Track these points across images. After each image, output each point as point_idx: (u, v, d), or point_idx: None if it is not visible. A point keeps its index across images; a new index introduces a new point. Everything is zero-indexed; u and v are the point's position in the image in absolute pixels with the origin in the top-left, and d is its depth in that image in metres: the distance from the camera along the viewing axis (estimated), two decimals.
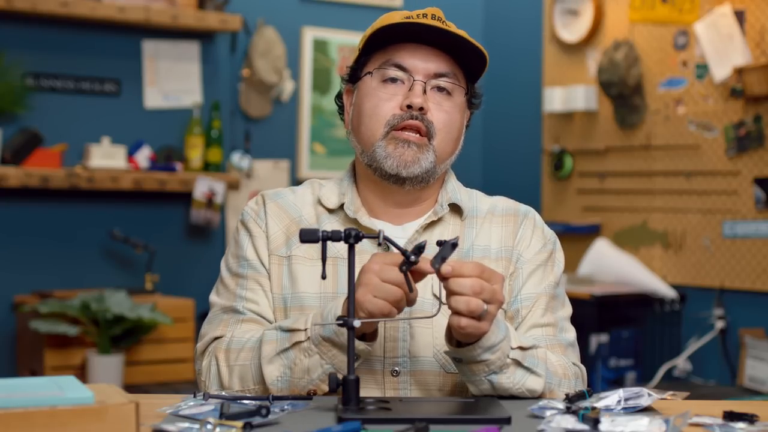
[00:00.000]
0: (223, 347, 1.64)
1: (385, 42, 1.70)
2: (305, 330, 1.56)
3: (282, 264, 1.70)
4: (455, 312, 1.46)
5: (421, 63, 1.68)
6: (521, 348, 1.56)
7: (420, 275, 1.50)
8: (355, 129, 1.73)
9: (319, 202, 1.75)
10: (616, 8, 4.37)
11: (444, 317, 1.55)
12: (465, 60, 1.72)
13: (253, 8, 4.48)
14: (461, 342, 1.53)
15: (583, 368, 1.70)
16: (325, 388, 1.55)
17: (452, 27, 1.71)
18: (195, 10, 4.21)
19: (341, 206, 1.73)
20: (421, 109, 1.66)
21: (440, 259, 1.45)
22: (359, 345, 1.52)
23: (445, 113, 1.69)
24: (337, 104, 1.82)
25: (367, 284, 1.47)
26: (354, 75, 1.75)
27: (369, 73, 1.71)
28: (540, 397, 1.58)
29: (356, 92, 1.75)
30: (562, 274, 1.77)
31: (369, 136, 1.69)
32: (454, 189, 1.77)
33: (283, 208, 1.74)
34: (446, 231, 1.73)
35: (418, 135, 1.67)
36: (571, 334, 1.73)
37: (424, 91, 1.68)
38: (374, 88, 1.70)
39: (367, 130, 1.69)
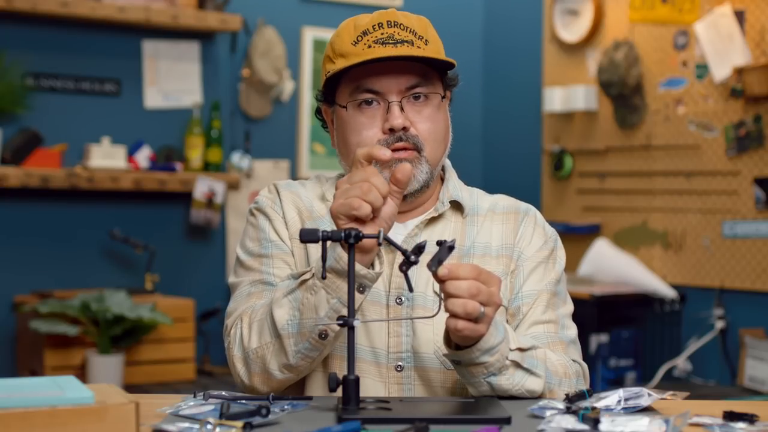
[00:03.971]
0: (249, 311, 1.64)
1: (351, 66, 1.66)
2: (311, 269, 1.55)
3: (302, 248, 1.71)
4: (452, 314, 1.46)
5: (391, 81, 1.66)
6: (520, 349, 1.56)
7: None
8: (344, 155, 1.73)
9: (325, 197, 1.76)
10: (616, 8, 4.37)
11: (445, 315, 1.56)
12: (432, 58, 1.68)
13: (253, 8, 4.48)
14: (459, 344, 1.53)
15: (585, 365, 1.70)
16: (336, 328, 1.53)
17: (408, 23, 1.67)
18: (195, 10, 4.21)
19: None
20: (403, 128, 1.66)
21: (437, 261, 1.45)
22: (362, 270, 1.50)
23: (427, 122, 1.68)
24: (318, 119, 1.81)
25: (338, 193, 1.49)
26: (327, 96, 1.74)
27: (343, 106, 1.69)
28: (540, 397, 1.58)
29: (335, 117, 1.74)
30: (563, 272, 1.77)
31: None
32: (456, 187, 1.77)
33: (297, 194, 1.76)
34: (447, 228, 1.73)
35: (407, 151, 1.66)
36: (572, 331, 1.73)
37: (402, 109, 1.66)
38: (352, 117, 1.68)
39: None
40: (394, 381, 1.65)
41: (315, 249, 1.69)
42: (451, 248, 1.44)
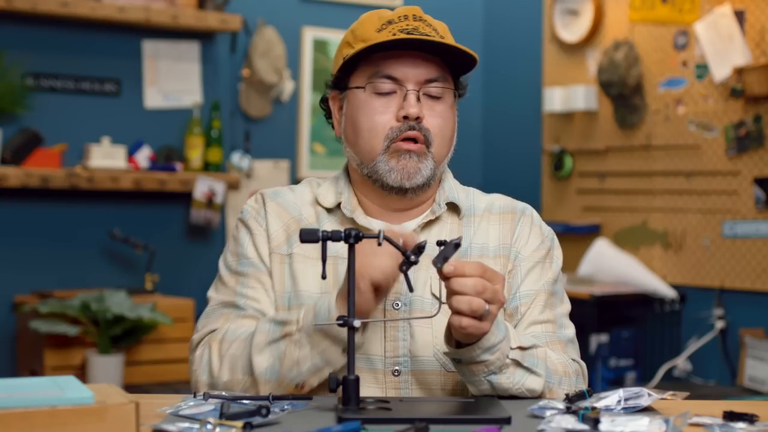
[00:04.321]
0: (218, 337, 1.64)
1: (371, 51, 1.68)
2: (297, 321, 1.55)
3: (284, 262, 1.70)
4: (457, 312, 1.45)
5: (411, 71, 1.67)
6: (521, 348, 1.57)
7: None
8: (351, 141, 1.72)
9: (317, 201, 1.75)
10: (616, 8, 4.37)
11: (444, 316, 1.56)
12: (451, 59, 1.71)
13: (253, 8, 4.48)
14: (460, 342, 1.53)
15: (584, 364, 1.70)
16: (314, 383, 1.55)
17: (432, 22, 1.71)
18: (195, 10, 4.21)
19: (338, 205, 1.73)
20: (417, 118, 1.66)
21: (442, 258, 1.44)
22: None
23: (439, 118, 1.69)
24: (322, 108, 1.81)
25: (364, 253, 1.49)
26: (339, 83, 1.74)
27: (361, 87, 1.69)
28: (540, 396, 1.58)
29: (346, 102, 1.73)
30: (560, 271, 1.77)
31: (369, 151, 1.69)
32: (452, 188, 1.77)
33: (282, 206, 1.74)
34: (444, 230, 1.73)
35: (416, 143, 1.67)
36: (570, 330, 1.73)
37: (418, 99, 1.67)
38: (367, 101, 1.69)
39: (366, 144, 1.69)
40: (391, 386, 1.64)
41: (302, 275, 1.68)
42: (457, 246, 1.44)
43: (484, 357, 1.51)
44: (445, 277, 1.46)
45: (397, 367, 1.65)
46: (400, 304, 1.66)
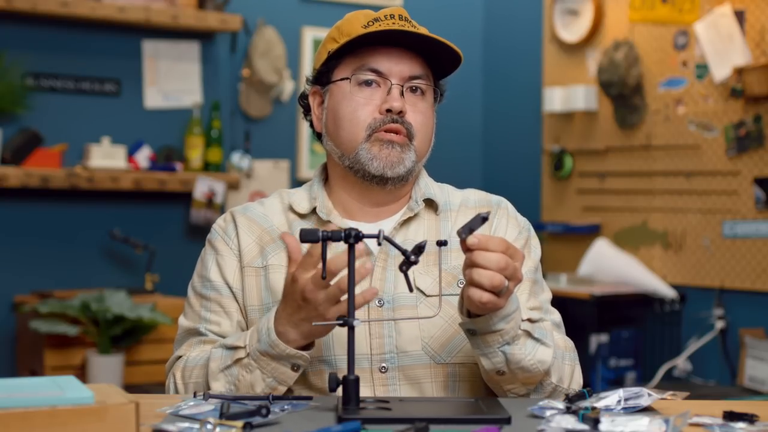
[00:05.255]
0: (181, 365, 1.68)
1: (356, 45, 1.69)
2: (245, 347, 1.58)
3: (259, 275, 1.71)
4: (477, 285, 1.46)
5: (396, 66, 1.69)
6: (530, 320, 1.59)
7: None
8: (332, 133, 1.73)
9: (291, 209, 1.75)
10: (616, 8, 4.37)
11: (427, 309, 1.61)
12: (435, 59, 1.73)
13: (253, 8, 4.48)
14: (471, 313, 1.53)
15: (572, 342, 1.73)
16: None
17: (416, 25, 1.72)
18: (195, 10, 4.21)
19: (313, 210, 1.74)
20: (400, 112, 1.68)
21: (468, 229, 1.44)
22: (294, 352, 1.53)
23: (421, 114, 1.71)
24: (300, 104, 1.82)
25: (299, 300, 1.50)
26: (322, 77, 1.75)
27: (346, 78, 1.70)
28: (548, 370, 1.59)
29: (328, 96, 1.74)
30: (539, 260, 1.78)
31: (350, 141, 1.69)
32: (427, 184, 1.78)
33: (253, 220, 1.75)
34: (422, 227, 1.74)
35: (399, 135, 1.68)
36: (556, 315, 1.75)
37: (402, 94, 1.69)
38: (350, 93, 1.70)
39: (348, 134, 1.70)
40: (379, 383, 1.64)
41: (279, 285, 1.66)
42: (484, 219, 1.44)
43: (500, 326, 1.52)
44: (468, 249, 1.46)
45: (384, 364, 1.65)
46: (383, 301, 1.66)
